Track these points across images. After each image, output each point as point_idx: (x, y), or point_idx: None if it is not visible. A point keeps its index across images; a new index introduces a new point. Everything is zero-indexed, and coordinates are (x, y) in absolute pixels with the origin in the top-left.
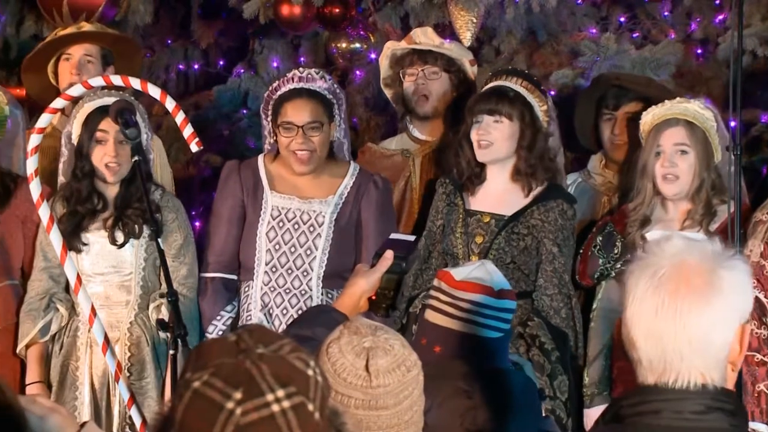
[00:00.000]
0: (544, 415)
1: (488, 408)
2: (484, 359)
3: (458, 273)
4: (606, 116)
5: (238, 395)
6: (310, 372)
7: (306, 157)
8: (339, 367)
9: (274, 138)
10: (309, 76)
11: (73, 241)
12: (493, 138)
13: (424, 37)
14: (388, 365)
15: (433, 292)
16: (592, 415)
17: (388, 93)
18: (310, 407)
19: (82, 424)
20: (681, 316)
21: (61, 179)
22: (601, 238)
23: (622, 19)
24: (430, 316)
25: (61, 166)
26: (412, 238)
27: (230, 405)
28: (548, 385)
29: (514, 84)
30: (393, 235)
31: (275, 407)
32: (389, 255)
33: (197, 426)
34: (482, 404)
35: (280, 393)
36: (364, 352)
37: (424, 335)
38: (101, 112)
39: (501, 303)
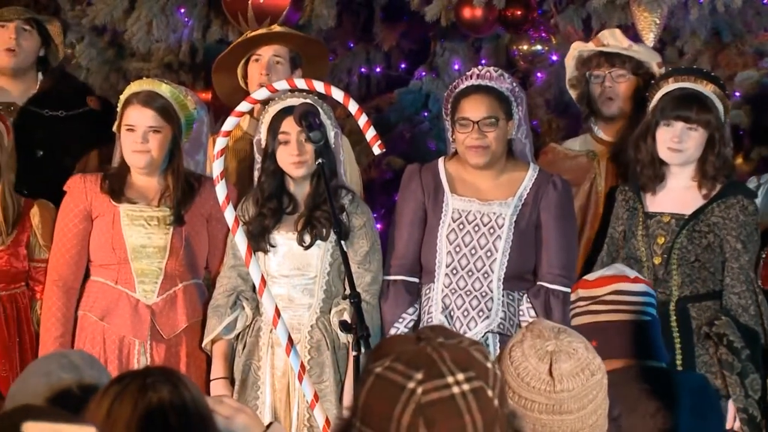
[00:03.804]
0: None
1: (674, 408)
2: (641, 347)
3: (590, 276)
4: None
5: (419, 376)
6: (488, 364)
7: (481, 151)
8: (522, 371)
9: (453, 137)
10: (487, 74)
11: (260, 241)
12: (687, 146)
13: (612, 39)
14: (572, 369)
15: (573, 305)
16: None
17: (573, 93)
18: (490, 393)
19: (268, 425)
20: None
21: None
22: None
23: None
24: (578, 321)
25: (255, 173)
26: None
27: (411, 385)
28: (739, 384)
29: (705, 88)
30: None
31: (455, 389)
32: None
33: (379, 407)
34: (669, 405)
35: (460, 376)
36: (548, 356)
37: None
38: (284, 113)
39: (638, 287)
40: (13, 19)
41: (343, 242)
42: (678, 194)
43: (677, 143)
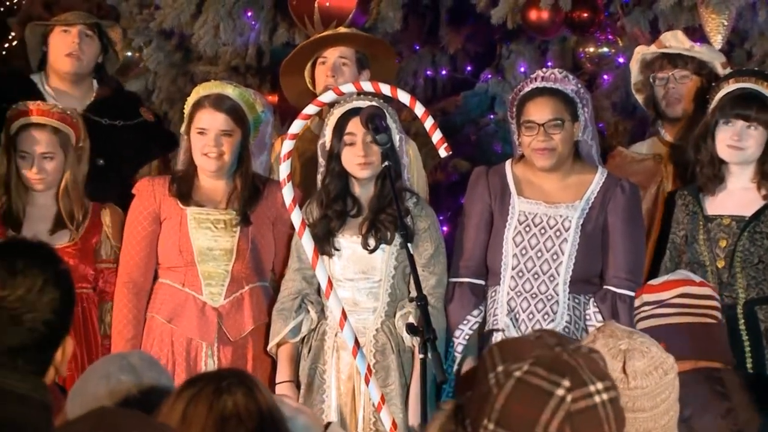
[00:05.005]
0: None
1: (746, 407)
2: (708, 349)
3: (655, 281)
4: None
5: (566, 383)
6: (608, 372)
7: (547, 154)
8: None
9: (519, 140)
10: (552, 75)
11: (325, 245)
12: (747, 145)
13: (674, 41)
14: (646, 367)
15: (637, 310)
16: None
17: (639, 97)
18: (620, 403)
19: (327, 425)
20: None
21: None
22: None
23: None
24: (642, 326)
25: (319, 176)
26: None
27: (560, 392)
28: None
29: (766, 89)
30: None
31: (597, 398)
32: None
33: (523, 411)
34: (740, 404)
35: (600, 386)
36: (621, 354)
37: None
38: (350, 114)
39: (704, 290)
40: (77, 24)
41: (408, 245)
42: (737, 196)
43: (737, 141)
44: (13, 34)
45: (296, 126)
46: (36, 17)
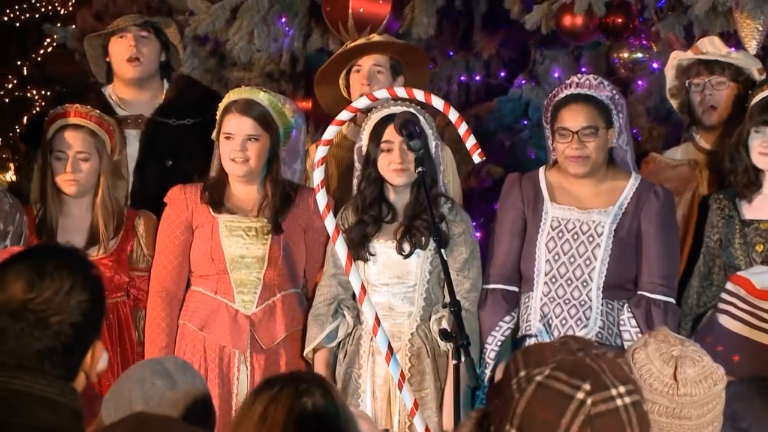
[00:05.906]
0: None
1: None
2: None
3: (758, 280)
4: None
5: (587, 387)
6: (633, 376)
7: (581, 162)
8: (645, 373)
9: (553, 146)
10: (587, 82)
11: (360, 250)
12: None
13: (711, 47)
14: (696, 375)
15: (728, 297)
16: None
17: (674, 103)
18: (645, 406)
19: None
20: None
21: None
22: None
23: None
24: (729, 323)
25: (355, 180)
26: None
27: (580, 395)
28: None
29: None
30: None
31: (619, 401)
32: None
33: (544, 415)
34: None
35: (622, 389)
36: (673, 360)
37: (720, 342)
38: (387, 121)
39: None
40: (130, 27)
41: (442, 250)
42: None
43: (767, 147)
44: (48, 40)
45: (330, 132)
46: (89, 30)
